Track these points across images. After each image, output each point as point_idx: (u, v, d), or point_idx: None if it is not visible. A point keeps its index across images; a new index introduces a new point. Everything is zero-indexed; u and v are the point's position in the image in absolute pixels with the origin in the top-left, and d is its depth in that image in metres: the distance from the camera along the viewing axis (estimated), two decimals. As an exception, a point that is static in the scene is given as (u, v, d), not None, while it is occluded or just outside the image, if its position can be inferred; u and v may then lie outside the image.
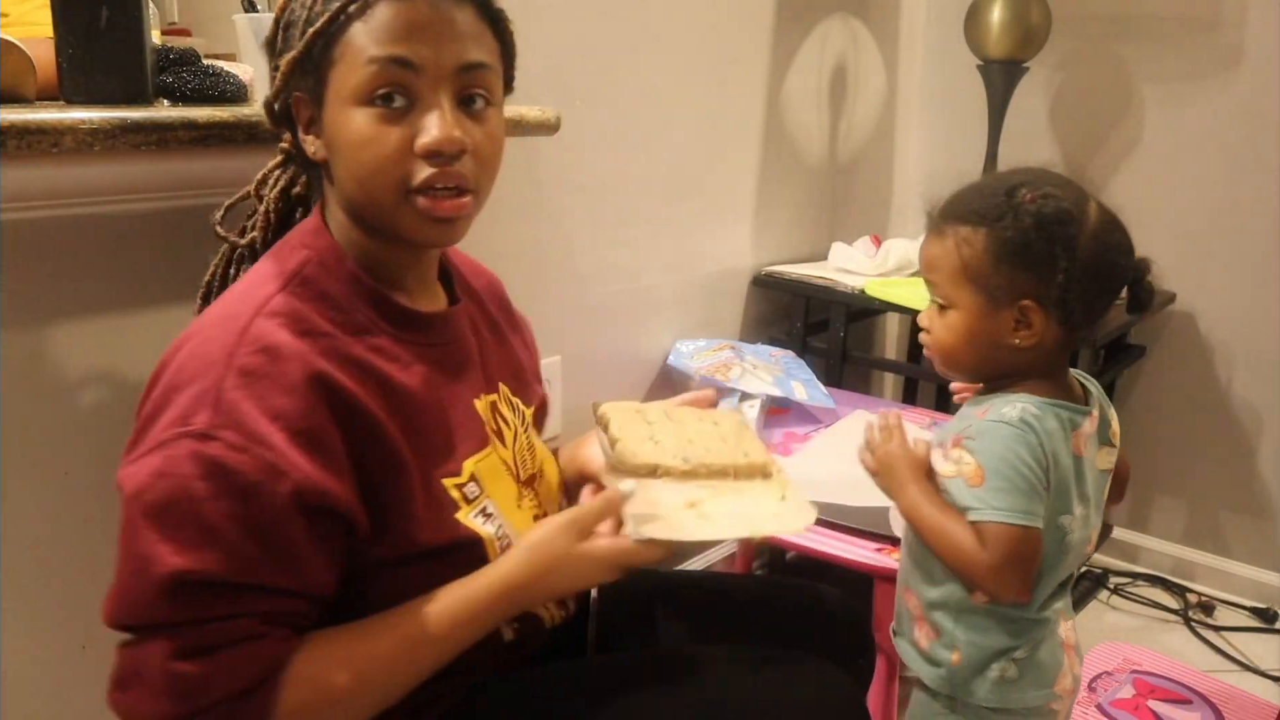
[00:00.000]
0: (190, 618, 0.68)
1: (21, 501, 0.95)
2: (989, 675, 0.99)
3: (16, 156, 0.82)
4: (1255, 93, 1.97)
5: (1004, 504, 0.91)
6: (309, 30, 0.75)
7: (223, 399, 0.69)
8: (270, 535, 0.69)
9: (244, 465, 0.68)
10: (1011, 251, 0.94)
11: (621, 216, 1.69)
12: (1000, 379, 1.00)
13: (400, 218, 0.77)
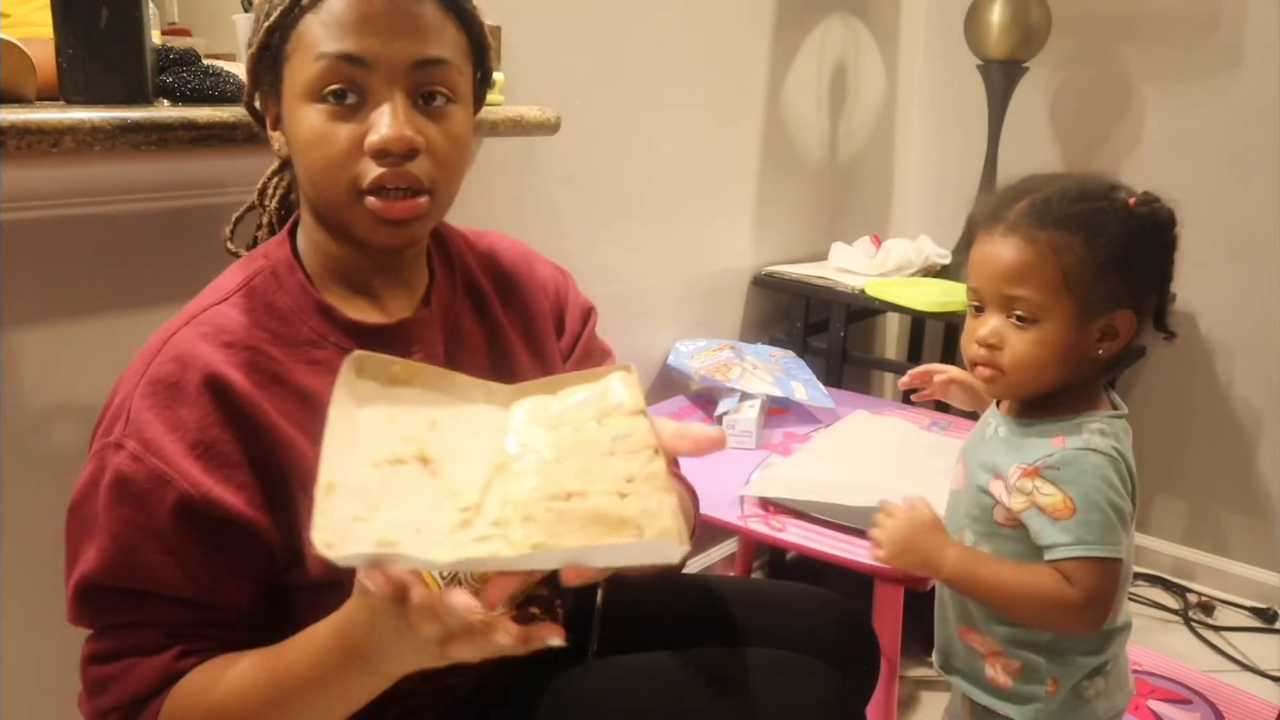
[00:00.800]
0: (103, 622, 0.72)
1: (21, 501, 0.95)
2: (1086, 695, 0.98)
3: (16, 156, 0.82)
4: (1255, 93, 1.97)
5: (1095, 537, 0.88)
6: (264, 24, 0.74)
7: (132, 409, 0.71)
8: (167, 543, 0.70)
9: (137, 474, 0.69)
10: (1118, 258, 0.89)
11: (621, 216, 1.69)
12: (1062, 395, 0.95)
13: (353, 218, 0.75)
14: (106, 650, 0.72)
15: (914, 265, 2.03)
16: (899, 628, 1.31)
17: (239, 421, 0.72)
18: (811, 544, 1.28)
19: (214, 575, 0.72)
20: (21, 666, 0.98)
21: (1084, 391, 0.95)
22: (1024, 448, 0.94)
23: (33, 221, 0.91)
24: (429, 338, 0.83)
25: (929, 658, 1.86)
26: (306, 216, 0.81)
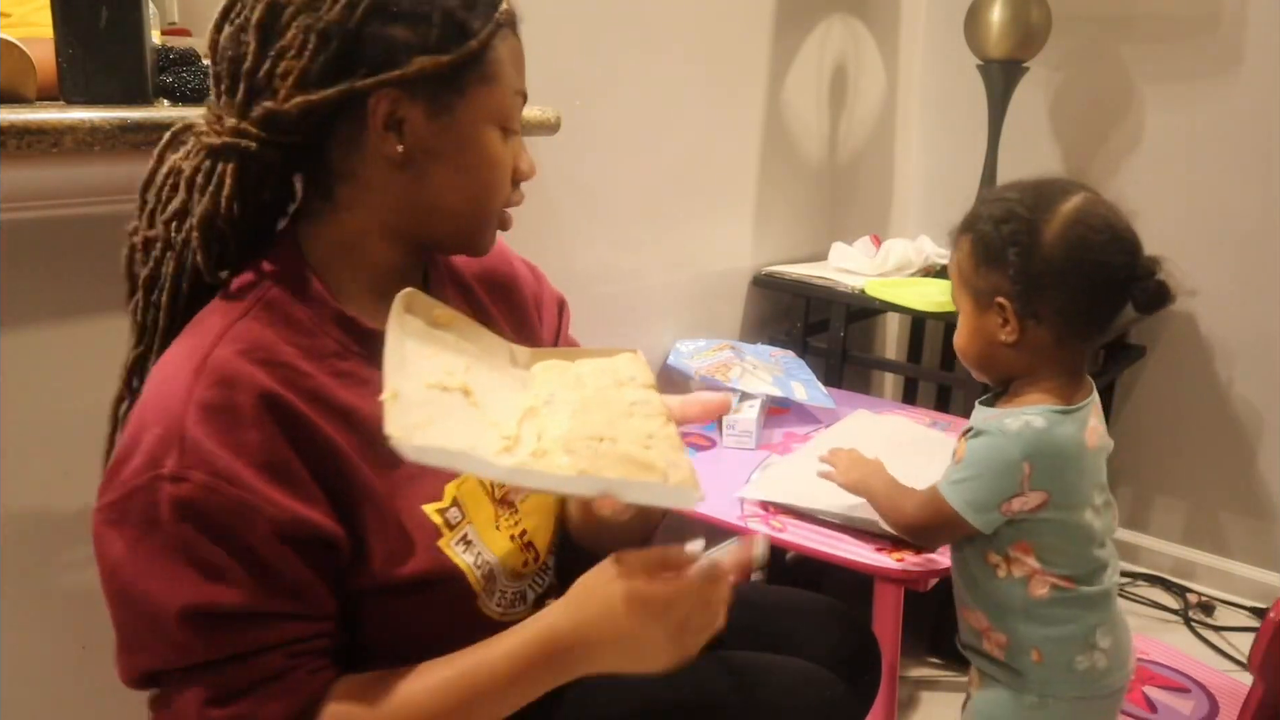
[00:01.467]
0: (215, 654, 0.67)
1: (21, 501, 0.95)
2: (1078, 668, 1.04)
3: (16, 156, 0.82)
4: (1255, 93, 1.97)
5: (954, 478, 1.03)
6: (467, 39, 0.73)
7: (187, 437, 0.66)
8: (266, 566, 0.68)
9: (214, 505, 0.66)
10: (980, 253, 1.03)
11: (621, 216, 1.69)
12: (1013, 379, 1.06)
13: (487, 231, 0.82)
14: (228, 688, 0.67)
15: (914, 265, 2.03)
16: (899, 628, 1.31)
17: (297, 438, 0.70)
18: (811, 544, 1.28)
19: (313, 588, 0.70)
20: (22, 667, 0.98)
21: (1039, 381, 1.04)
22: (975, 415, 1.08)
23: (33, 221, 0.91)
24: None
25: (929, 657, 1.87)
26: (366, 222, 0.77)
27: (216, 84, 0.75)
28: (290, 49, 0.70)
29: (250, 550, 0.67)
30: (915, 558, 1.23)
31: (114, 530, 0.68)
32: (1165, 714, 1.34)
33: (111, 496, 0.68)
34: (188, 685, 0.67)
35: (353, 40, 0.71)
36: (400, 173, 0.75)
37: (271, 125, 0.72)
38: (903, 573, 1.22)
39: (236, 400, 0.68)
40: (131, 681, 0.69)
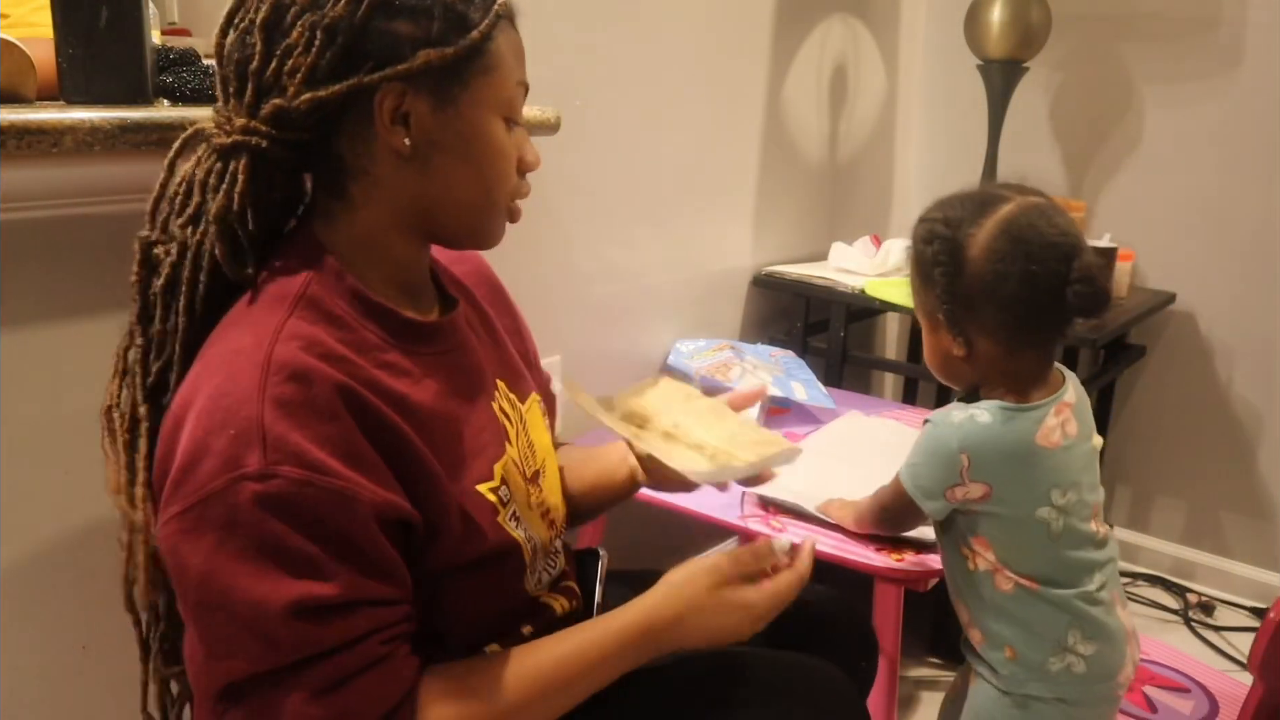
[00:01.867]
0: (322, 647, 0.66)
1: (21, 501, 0.95)
2: (1051, 669, 1.03)
3: (16, 156, 0.82)
4: (1255, 93, 1.97)
5: (908, 463, 1.07)
6: (469, 31, 0.74)
7: (269, 434, 0.65)
8: (361, 553, 0.68)
9: (314, 498, 0.65)
10: (915, 272, 1.05)
11: (621, 216, 1.69)
12: (976, 387, 1.07)
13: (496, 222, 0.82)
14: (326, 681, 0.67)
15: (914, 265, 2.03)
16: (899, 627, 1.31)
17: (370, 428, 0.71)
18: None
19: (400, 570, 0.72)
20: (22, 667, 0.98)
21: (998, 385, 1.04)
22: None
23: (33, 221, 0.91)
24: (464, 330, 0.88)
25: (929, 657, 1.87)
26: (381, 218, 0.78)
27: (224, 87, 0.76)
28: (297, 46, 0.72)
29: (346, 538, 0.67)
30: (915, 557, 1.23)
31: (192, 539, 0.65)
32: (1165, 714, 1.34)
33: (184, 504, 0.66)
34: (286, 684, 0.66)
35: (358, 35, 0.72)
36: (408, 167, 0.76)
37: (281, 122, 0.73)
38: (903, 573, 1.22)
39: (313, 394, 0.68)
40: (218, 693, 0.67)
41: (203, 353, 0.73)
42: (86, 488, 0.99)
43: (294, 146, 0.75)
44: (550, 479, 0.93)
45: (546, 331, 1.59)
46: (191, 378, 0.71)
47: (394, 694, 0.69)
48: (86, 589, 1.01)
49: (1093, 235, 1.96)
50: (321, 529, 0.66)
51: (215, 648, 0.67)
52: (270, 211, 0.78)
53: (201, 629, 0.67)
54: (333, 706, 0.66)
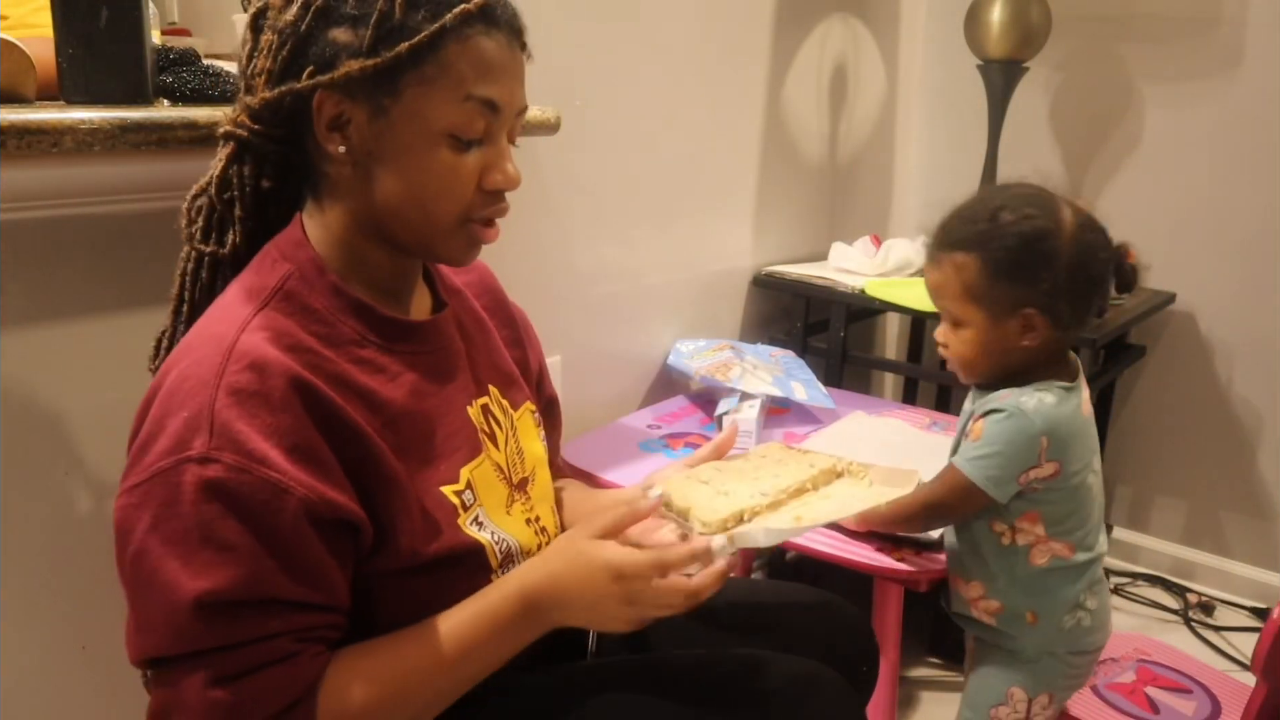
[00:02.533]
0: (223, 641, 0.67)
1: (21, 501, 0.95)
2: (1065, 626, 1.12)
3: (16, 156, 0.82)
4: (1255, 93, 1.97)
5: (972, 455, 1.08)
6: (403, 41, 0.72)
7: (216, 420, 0.67)
8: (287, 550, 0.68)
9: (247, 486, 0.67)
10: (1003, 270, 1.06)
11: (621, 216, 1.69)
12: (1017, 376, 1.11)
13: (448, 241, 0.79)
14: (232, 670, 0.67)
15: (914, 265, 2.03)
16: (899, 627, 1.32)
17: (324, 422, 0.72)
18: (811, 544, 1.28)
19: (330, 575, 0.72)
20: (22, 667, 0.98)
21: (1040, 369, 1.10)
22: (981, 407, 1.12)
23: (33, 221, 0.91)
24: (449, 333, 0.88)
25: (929, 657, 1.87)
26: (343, 219, 0.79)
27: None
28: (263, 49, 0.75)
29: (274, 533, 0.68)
30: (915, 558, 1.23)
31: (136, 513, 0.68)
32: (1168, 715, 1.34)
33: (135, 479, 0.69)
34: (193, 668, 0.67)
35: (303, 41, 0.74)
36: (354, 174, 0.77)
37: (252, 119, 0.77)
38: (903, 573, 1.22)
39: (267, 385, 0.69)
40: (138, 662, 0.70)
41: (185, 338, 0.76)
42: (86, 488, 0.99)
43: (274, 140, 0.78)
44: (540, 487, 0.94)
45: (546, 331, 1.58)
46: (170, 359, 0.74)
47: (296, 689, 0.70)
48: (86, 589, 1.01)
49: (1093, 235, 1.96)
50: (251, 520, 0.67)
51: (140, 621, 0.69)
52: (260, 199, 0.80)
53: (131, 601, 0.70)
54: (232, 695, 0.67)
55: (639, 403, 1.81)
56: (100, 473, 1.00)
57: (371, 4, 0.72)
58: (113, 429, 0.99)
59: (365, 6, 0.73)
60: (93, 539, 1.00)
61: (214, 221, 0.80)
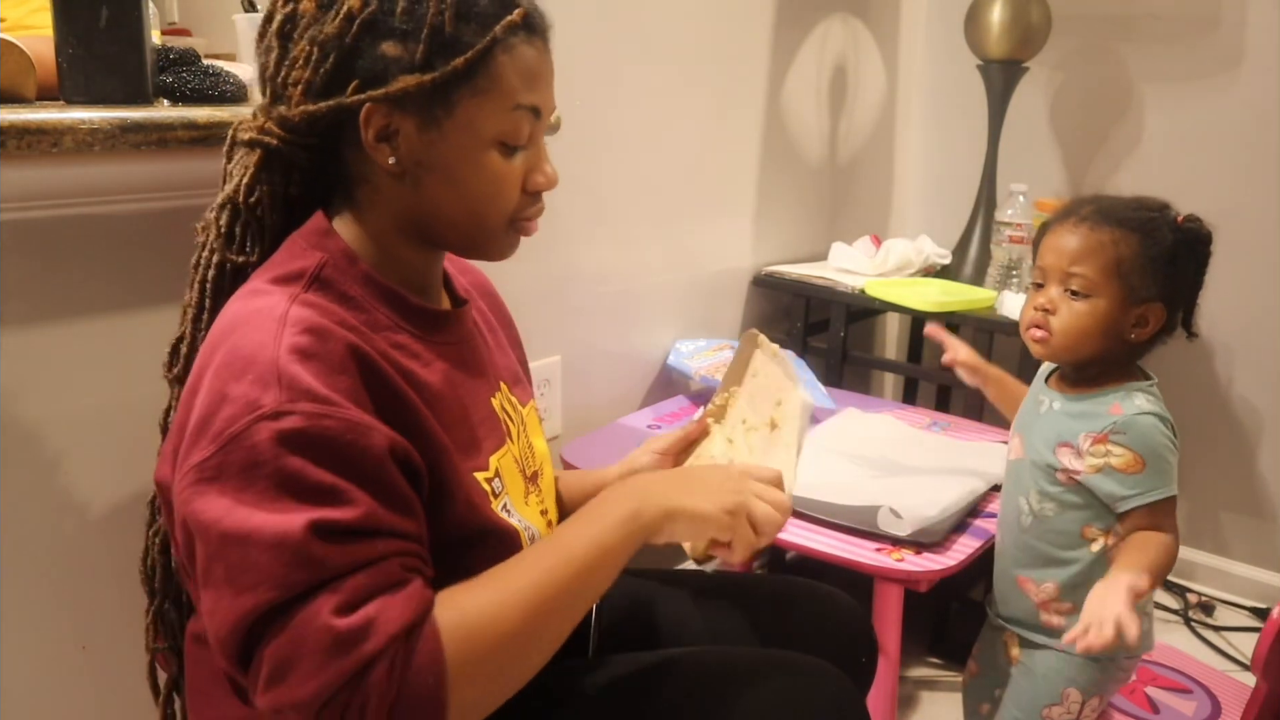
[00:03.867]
0: (337, 565, 0.66)
1: (21, 501, 0.95)
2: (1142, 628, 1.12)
3: (16, 156, 0.82)
4: (1255, 93, 1.97)
5: (1164, 481, 1.09)
6: (456, 55, 0.73)
7: (284, 375, 0.67)
8: (379, 481, 0.69)
9: (330, 429, 0.66)
10: (1159, 259, 1.08)
11: (621, 216, 1.69)
12: (1103, 367, 1.13)
13: (497, 242, 0.83)
14: (349, 596, 0.65)
15: (914, 265, 2.03)
16: (899, 627, 1.32)
17: (380, 391, 0.72)
18: (811, 544, 1.28)
19: (415, 508, 0.72)
20: (22, 667, 0.98)
21: (1121, 367, 1.13)
22: (1085, 417, 1.11)
23: (33, 221, 0.91)
24: (472, 326, 0.90)
25: (929, 657, 1.87)
26: (385, 225, 0.80)
27: (258, 83, 0.80)
28: (299, 60, 0.75)
29: (362, 467, 0.68)
30: (915, 558, 1.23)
31: (212, 487, 0.66)
32: (1168, 715, 1.34)
33: (203, 454, 0.67)
34: (309, 604, 0.65)
35: (348, 55, 0.74)
36: (401, 182, 0.78)
37: (286, 128, 0.76)
38: (903, 573, 1.22)
39: (327, 347, 0.70)
40: (245, 629, 0.66)
41: (215, 325, 0.75)
42: (86, 488, 1.00)
43: (306, 149, 0.78)
44: (547, 481, 0.95)
45: (546, 331, 1.60)
46: (205, 348, 0.73)
47: (414, 611, 0.68)
48: (86, 589, 1.01)
49: (1093, 235, 1.96)
50: (340, 459, 0.67)
51: (239, 581, 0.65)
52: (287, 206, 0.81)
53: (224, 568, 0.66)
54: (356, 620, 0.65)
55: (639, 403, 1.81)
56: (100, 473, 1.00)
57: (421, 18, 0.73)
58: (113, 429, 0.99)
59: (414, 21, 0.73)
60: (93, 539, 1.00)
61: (240, 229, 0.80)
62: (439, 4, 0.72)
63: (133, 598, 0.93)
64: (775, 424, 0.99)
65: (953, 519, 1.29)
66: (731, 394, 1.04)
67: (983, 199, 2.05)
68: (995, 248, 1.95)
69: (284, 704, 0.65)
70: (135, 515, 0.98)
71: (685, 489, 0.82)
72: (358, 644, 0.65)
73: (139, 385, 0.99)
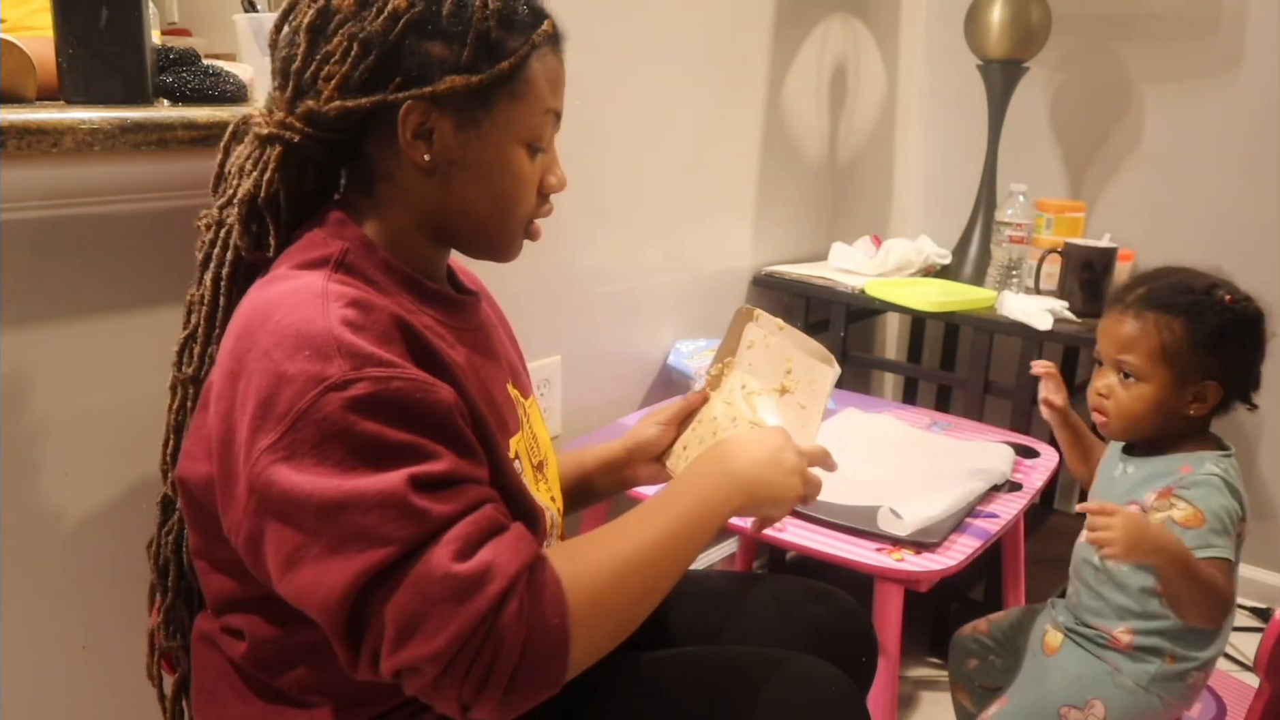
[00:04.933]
0: (442, 520, 0.66)
1: (21, 501, 0.95)
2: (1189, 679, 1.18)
3: (16, 156, 0.82)
4: (1255, 93, 1.97)
5: (1222, 542, 1.10)
6: (498, 59, 0.76)
7: (344, 345, 0.67)
8: (455, 434, 0.70)
9: (399, 390, 0.67)
10: (1208, 341, 1.13)
11: (621, 216, 1.69)
12: (1167, 441, 1.18)
13: (513, 241, 0.85)
14: (463, 540, 0.66)
15: (914, 265, 2.03)
16: (899, 628, 1.31)
17: (424, 359, 0.73)
18: (811, 544, 1.28)
19: (485, 463, 0.74)
20: (22, 667, 0.98)
21: (1192, 437, 1.18)
22: (1156, 477, 1.17)
23: (33, 221, 0.91)
24: (483, 315, 0.92)
25: (929, 657, 1.87)
26: (405, 220, 0.81)
27: (274, 78, 0.80)
28: (334, 55, 0.75)
29: (438, 423, 0.69)
30: (915, 557, 1.23)
31: (288, 465, 0.66)
32: (1167, 714, 1.34)
33: (273, 436, 0.66)
34: (426, 556, 0.65)
35: (391, 52, 0.75)
36: (430, 179, 0.79)
37: (312, 123, 0.77)
38: (903, 573, 1.22)
39: (373, 318, 0.71)
40: (357, 592, 0.65)
41: (238, 316, 0.75)
42: (86, 488, 0.99)
43: (327, 144, 0.78)
44: (552, 470, 0.96)
45: (546, 331, 1.60)
46: (234, 338, 0.72)
47: (529, 552, 0.69)
48: (86, 589, 1.01)
49: (1093, 235, 1.96)
50: (413, 416, 0.68)
51: (346, 547, 0.65)
52: (302, 201, 0.82)
53: (328, 538, 0.66)
54: (476, 564, 0.66)
55: (639, 403, 1.81)
56: (100, 473, 1.00)
57: (467, 22, 0.75)
58: (113, 429, 0.99)
59: (461, 23, 0.75)
60: (93, 539, 1.00)
61: (260, 226, 0.80)
62: (483, 9, 0.75)
63: (133, 598, 0.93)
64: (786, 389, 1.04)
65: (953, 519, 1.29)
66: (726, 364, 1.08)
67: (983, 199, 2.05)
68: (995, 248, 1.95)
69: (415, 660, 0.65)
70: (135, 515, 0.98)
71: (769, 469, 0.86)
72: (483, 586, 0.65)
73: (139, 385, 1.00)
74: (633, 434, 1.07)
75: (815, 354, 1.04)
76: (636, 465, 1.07)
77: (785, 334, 1.06)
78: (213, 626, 0.84)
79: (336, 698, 0.79)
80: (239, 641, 0.80)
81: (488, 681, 0.66)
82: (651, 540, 0.77)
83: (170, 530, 0.87)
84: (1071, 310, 1.76)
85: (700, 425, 1.05)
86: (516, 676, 0.66)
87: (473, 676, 0.65)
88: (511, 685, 0.66)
